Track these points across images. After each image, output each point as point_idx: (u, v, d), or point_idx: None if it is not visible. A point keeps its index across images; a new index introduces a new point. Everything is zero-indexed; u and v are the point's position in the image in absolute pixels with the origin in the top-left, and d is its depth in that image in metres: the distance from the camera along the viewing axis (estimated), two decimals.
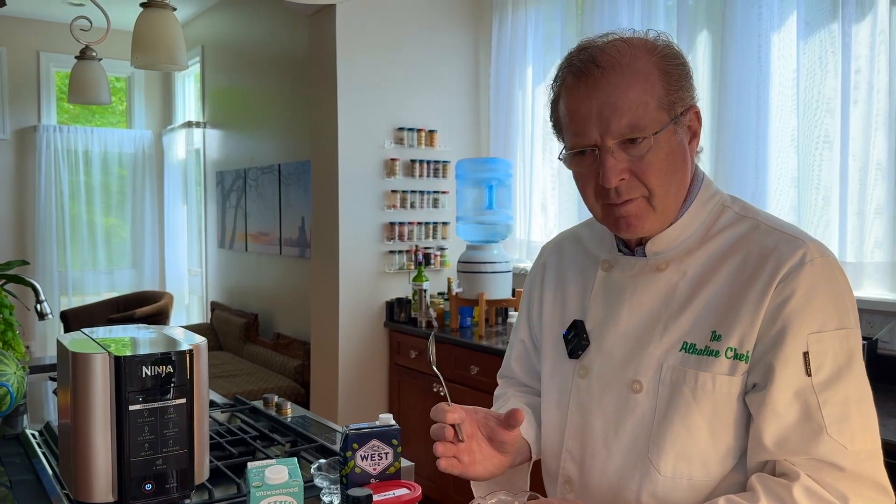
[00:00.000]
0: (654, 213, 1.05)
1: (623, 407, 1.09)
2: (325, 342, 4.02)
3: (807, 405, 0.97)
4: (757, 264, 1.02)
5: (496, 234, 3.67)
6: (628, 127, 0.99)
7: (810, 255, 1.00)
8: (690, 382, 1.03)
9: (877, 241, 2.52)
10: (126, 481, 1.17)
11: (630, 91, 0.99)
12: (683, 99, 1.03)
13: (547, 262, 1.30)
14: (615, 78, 1.00)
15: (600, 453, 1.11)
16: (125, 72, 7.22)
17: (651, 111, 1.00)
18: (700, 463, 1.03)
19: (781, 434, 0.98)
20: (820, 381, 0.97)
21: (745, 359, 1.01)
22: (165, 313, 6.22)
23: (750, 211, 1.10)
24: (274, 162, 5.38)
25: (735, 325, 1.01)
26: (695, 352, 1.04)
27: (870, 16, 2.47)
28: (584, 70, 1.02)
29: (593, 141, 1.02)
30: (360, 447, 1.21)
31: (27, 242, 6.82)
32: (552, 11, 3.77)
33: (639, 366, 1.08)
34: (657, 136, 1.00)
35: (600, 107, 1.00)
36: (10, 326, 2.09)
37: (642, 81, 1.00)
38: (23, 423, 1.89)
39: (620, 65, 1.00)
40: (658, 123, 1.00)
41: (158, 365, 1.18)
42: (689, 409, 1.03)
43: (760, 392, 0.99)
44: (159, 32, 2.07)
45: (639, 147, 1.00)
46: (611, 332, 1.12)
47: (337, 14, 3.78)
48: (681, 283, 1.07)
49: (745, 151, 2.81)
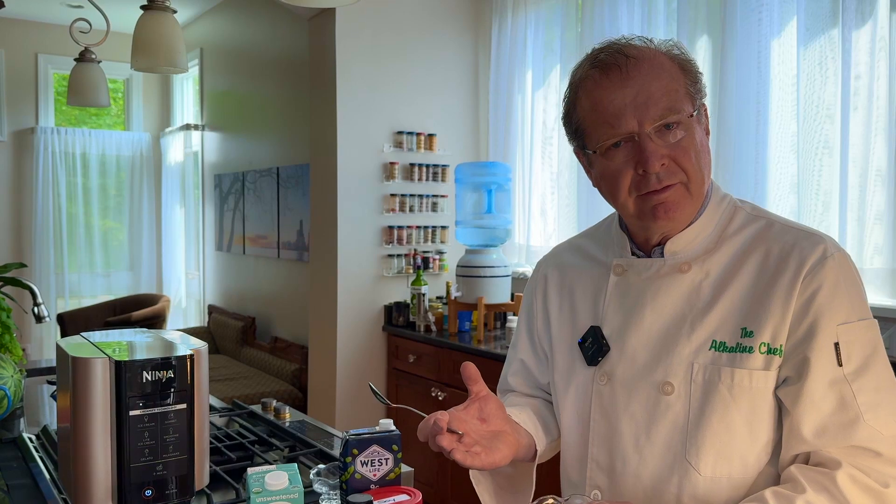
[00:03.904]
0: (691, 199, 1.07)
1: (654, 410, 1.08)
2: (323, 346, 4.01)
3: (842, 395, 0.99)
4: (780, 260, 1.05)
5: (495, 239, 3.67)
6: (666, 110, 1.02)
7: (830, 249, 1.04)
8: (727, 380, 1.04)
9: (876, 248, 2.53)
10: (126, 487, 1.16)
11: (661, 79, 1.03)
12: (701, 92, 1.08)
13: (547, 274, 1.29)
14: (646, 67, 1.04)
15: (632, 459, 1.10)
16: (123, 74, 7.21)
17: (682, 97, 1.04)
18: (739, 460, 1.04)
19: (820, 424, 0.99)
20: (851, 370, 1.00)
21: (779, 352, 1.03)
22: (162, 316, 6.20)
23: (760, 211, 1.14)
24: (272, 165, 5.37)
25: (766, 320, 1.03)
26: (726, 349, 1.05)
27: (870, 22, 2.48)
28: (614, 62, 1.04)
29: (631, 129, 1.03)
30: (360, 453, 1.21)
31: (24, 245, 6.80)
32: (552, 16, 3.78)
33: (668, 367, 1.08)
34: (690, 120, 1.04)
35: (635, 94, 1.03)
36: (8, 329, 2.08)
37: (668, 71, 1.05)
38: (20, 426, 1.88)
39: (647, 57, 1.05)
40: (688, 109, 1.04)
41: (159, 370, 1.17)
42: (726, 408, 1.04)
43: (795, 385, 1.01)
44: (160, 35, 2.07)
45: (674, 132, 1.03)
46: (632, 336, 1.12)
47: (336, 17, 3.78)
48: (704, 283, 1.09)
49: (744, 157, 2.81)
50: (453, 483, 3.45)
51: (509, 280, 3.63)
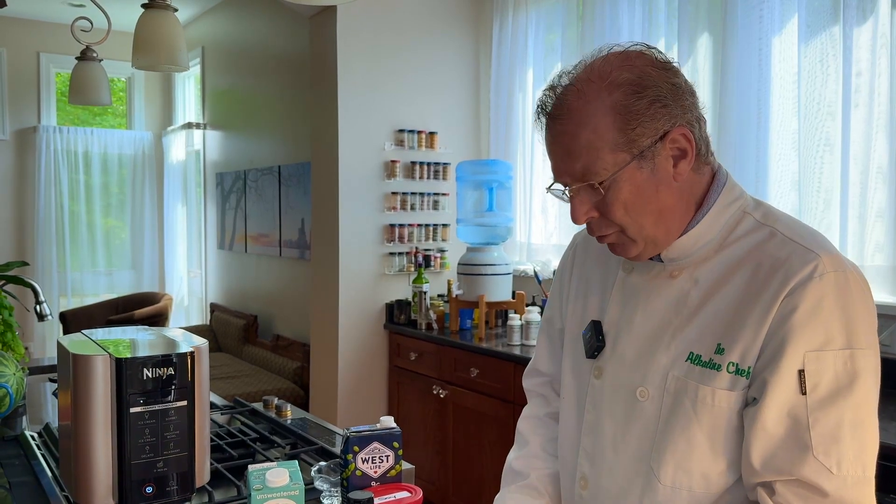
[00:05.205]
0: (636, 243, 1.05)
1: (630, 412, 1.09)
2: (324, 344, 4.01)
3: (796, 423, 0.94)
4: (767, 276, 0.99)
5: (496, 237, 3.67)
6: (581, 172, 1.01)
7: (822, 268, 0.96)
8: (691, 395, 1.02)
9: (877, 245, 2.52)
10: (126, 484, 1.17)
11: (579, 138, 1.00)
12: (652, 130, 0.99)
13: (577, 250, 1.29)
14: (565, 127, 1.01)
15: (608, 454, 1.12)
16: (125, 73, 7.22)
17: (604, 155, 0.99)
18: (700, 475, 1.02)
19: (769, 452, 0.96)
20: (814, 400, 0.94)
21: (746, 374, 0.99)
22: (165, 315, 6.21)
23: (770, 218, 1.07)
24: (274, 163, 5.38)
25: (738, 339, 0.99)
26: (700, 363, 1.03)
27: (871, 19, 2.47)
28: (543, 116, 1.05)
29: (563, 181, 1.05)
30: (361, 450, 1.21)
31: (27, 243, 6.81)
32: (553, 14, 3.77)
33: (646, 373, 1.08)
34: (615, 177, 1.00)
35: (559, 152, 1.03)
36: (10, 327, 2.09)
37: (591, 127, 0.99)
38: (22, 424, 1.88)
39: (571, 112, 1.01)
40: (614, 165, 0.99)
41: (160, 367, 1.18)
42: (688, 422, 1.02)
43: (753, 407, 0.98)
44: (160, 33, 2.07)
45: (597, 190, 1.01)
46: (624, 336, 1.12)
47: (338, 15, 3.78)
48: (692, 291, 1.06)
49: (745, 154, 2.81)
50: (454, 480, 3.45)
51: (510, 278, 3.63)
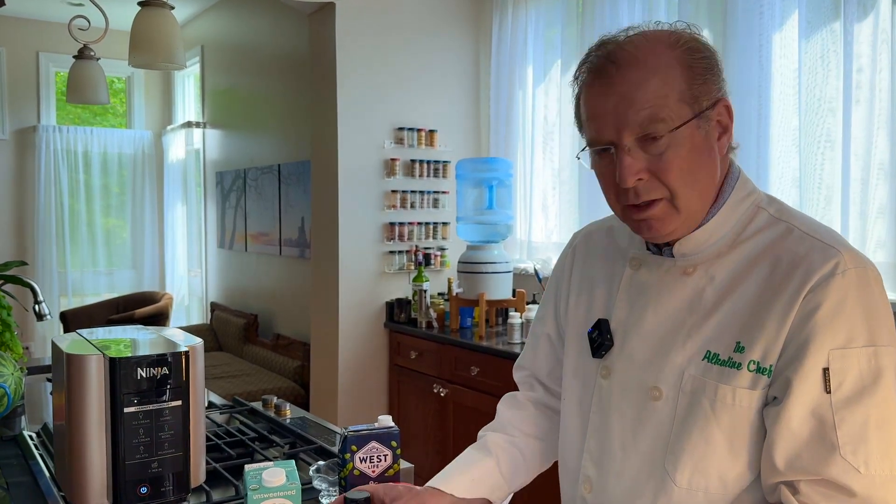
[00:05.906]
0: (679, 215, 1.00)
1: (641, 412, 1.06)
2: (324, 343, 4.01)
3: (822, 423, 0.92)
4: (786, 273, 0.97)
5: (496, 235, 3.66)
6: (647, 120, 0.95)
7: (843, 265, 0.94)
8: (710, 394, 0.99)
9: (879, 242, 2.51)
10: (121, 484, 1.16)
11: (648, 85, 0.96)
12: (710, 92, 0.99)
13: (577, 249, 1.26)
14: (632, 74, 0.97)
15: (617, 456, 1.08)
16: (125, 72, 7.21)
17: (671, 104, 0.96)
18: (717, 476, 1.00)
19: (794, 452, 0.93)
20: (839, 399, 0.92)
21: (768, 373, 0.96)
22: (165, 314, 6.21)
23: (786, 214, 1.04)
24: (274, 162, 5.37)
25: (759, 337, 0.97)
26: (718, 362, 1.00)
27: (872, 14, 2.46)
28: (601, 67, 0.99)
29: (609, 139, 0.98)
30: (359, 449, 1.20)
31: (27, 243, 6.81)
32: (552, 11, 3.76)
33: (659, 372, 1.04)
34: (678, 132, 0.96)
35: (616, 103, 0.97)
36: (9, 327, 2.08)
37: (661, 75, 0.96)
38: (20, 424, 1.88)
39: (638, 60, 0.97)
40: (679, 118, 0.96)
41: (154, 366, 1.17)
42: (707, 422, 0.99)
43: (776, 406, 0.95)
44: (157, 31, 2.06)
45: (658, 144, 0.96)
46: (634, 334, 1.08)
47: (337, 13, 3.77)
48: (708, 288, 1.03)
49: (746, 151, 2.79)
50: None
51: (511, 276, 3.62)
